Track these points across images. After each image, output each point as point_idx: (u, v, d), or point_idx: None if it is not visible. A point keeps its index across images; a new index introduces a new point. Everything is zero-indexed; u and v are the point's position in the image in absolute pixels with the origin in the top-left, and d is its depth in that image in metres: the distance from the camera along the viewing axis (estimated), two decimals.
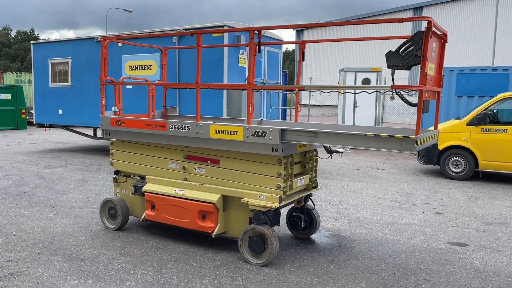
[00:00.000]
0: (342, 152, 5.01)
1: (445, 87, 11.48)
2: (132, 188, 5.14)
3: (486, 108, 8.74)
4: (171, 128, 4.67)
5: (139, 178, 5.35)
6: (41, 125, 12.93)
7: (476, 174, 9.08)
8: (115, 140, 5.33)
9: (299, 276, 3.99)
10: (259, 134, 4.13)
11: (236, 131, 4.27)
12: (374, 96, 13.75)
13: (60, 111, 12.12)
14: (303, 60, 4.95)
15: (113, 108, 5.40)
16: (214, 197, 4.50)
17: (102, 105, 5.21)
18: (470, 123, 8.74)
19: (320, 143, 3.96)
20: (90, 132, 13.22)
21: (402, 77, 15.75)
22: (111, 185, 7.83)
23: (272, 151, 4.12)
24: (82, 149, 12.96)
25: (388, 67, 3.50)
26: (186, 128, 4.57)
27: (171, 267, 4.15)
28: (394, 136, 3.54)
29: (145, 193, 4.95)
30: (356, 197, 7.19)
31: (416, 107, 3.61)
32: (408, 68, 3.48)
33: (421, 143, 3.59)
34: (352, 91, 4.82)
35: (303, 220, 4.93)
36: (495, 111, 8.79)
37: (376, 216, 6.06)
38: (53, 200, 6.70)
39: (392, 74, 3.58)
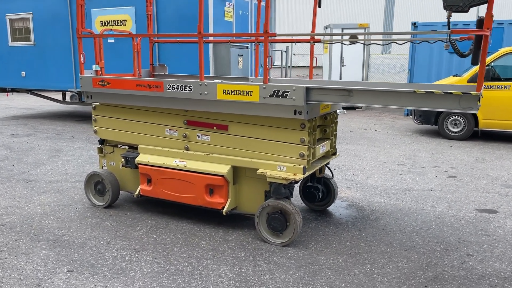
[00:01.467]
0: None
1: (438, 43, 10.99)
2: (123, 159, 4.43)
3: (487, 64, 8.33)
4: (168, 89, 3.94)
5: (128, 147, 4.64)
6: (3, 90, 11.72)
7: (475, 134, 8.78)
8: (99, 104, 4.55)
9: (329, 256, 3.49)
10: (280, 94, 3.48)
11: (251, 91, 3.60)
12: (361, 53, 13.18)
13: (23, 74, 10.94)
14: (319, 6, 4.25)
15: (93, 66, 4.58)
16: (224, 169, 3.87)
17: (81, 63, 4.38)
18: (471, 80, 8.32)
19: (354, 103, 3.36)
20: (58, 96, 12.14)
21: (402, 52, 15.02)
22: (91, 155, 7.04)
23: (295, 114, 3.50)
24: (50, 115, 11.90)
25: (445, 8, 2.88)
26: (188, 89, 3.86)
27: (179, 252, 3.56)
28: (451, 93, 2.97)
29: (139, 165, 4.26)
30: (360, 161, 6.72)
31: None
32: (468, 9, 2.87)
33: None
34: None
35: (321, 191, 4.39)
36: (495, 67, 8.39)
37: (388, 182, 5.61)
38: (26, 174, 5.89)
39: (449, 17, 2.96)
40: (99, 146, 4.73)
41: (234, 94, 3.67)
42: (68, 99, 11.34)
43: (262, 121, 3.74)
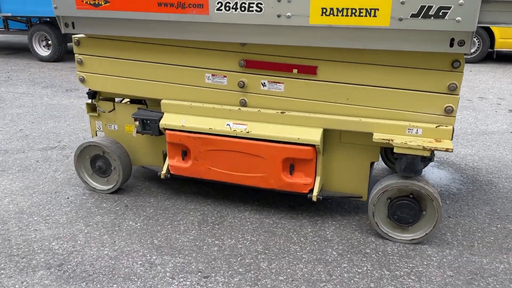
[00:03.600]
0: None
1: None
2: (136, 123, 2.91)
3: None
4: (219, 10, 2.40)
5: (129, 101, 3.13)
6: None
7: (488, 56, 7.94)
8: (86, 36, 2.89)
9: (488, 256, 2.41)
10: (431, 13, 2.11)
11: (375, 10, 2.18)
12: None
13: None
14: None
15: None
16: (314, 134, 2.54)
17: None
18: None
19: None
20: None
21: None
22: (49, 106, 5.28)
23: (451, 45, 2.18)
24: None
25: None
26: (255, 9, 2.35)
27: (270, 270, 2.28)
28: None
29: (167, 132, 2.79)
30: None
31: None
32: None
33: None
34: None
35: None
36: None
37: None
38: None
39: None
40: (89, 101, 3.13)
41: (342, 16, 2.23)
42: None
43: (380, 58, 2.39)
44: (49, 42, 8.29)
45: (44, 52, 8.43)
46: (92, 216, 2.79)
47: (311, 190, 2.65)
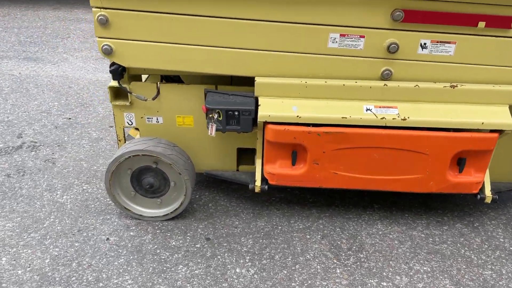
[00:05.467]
0: None
1: None
2: (214, 114, 1.86)
3: None
4: None
5: (147, 78, 2.07)
6: None
7: None
8: None
9: None
10: None
11: None
12: None
13: None
14: None
15: None
16: (503, 116, 1.79)
17: None
18: None
19: None
20: None
21: None
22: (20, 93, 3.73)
23: None
24: None
25: None
26: None
27: None
28: None
29: (270, 126, 1.82)
30: None
31: None
32: None
33: None
34: None
35: None
36: None
37: None
38: None
39: None
40: (116, 84, 1.96)
41: None
42: None
43: None
44: None
45: None
46: (169, 268, 1.79)
47: (480, 190, 1.96)
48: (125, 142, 2.11)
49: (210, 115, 1.87)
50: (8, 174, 2.42)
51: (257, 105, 1.84)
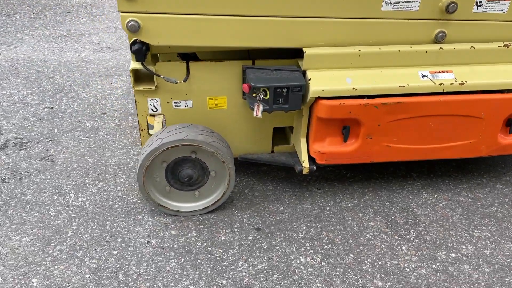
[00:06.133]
0: None
1: None
2: (262, 95, 1.67)
3: None
4: None
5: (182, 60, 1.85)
6: None
7: None
8: None
9: None
10: None
11: None
12: None
13: None
14: None
15: None
16: None
17: None
18: None
19: None
20: None
21: None
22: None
23: None
24: None
25: None
26: None
27: None
28: None
29: (322, 102, 1.67)
30: None
31: None
32: None
33: None
34: None
35: None
36: None
37: None
38: None
39: None
40: (138, 66, 1.70)
41: None
42: None
43: None
44: None
45: None
46: (229, 267, 1.63)
47: None
48: (146, 131, 1.87)
49: (254, 95, 1.68)
50: (3, 179, 2.09)
51: (306, 80, 1.68)
